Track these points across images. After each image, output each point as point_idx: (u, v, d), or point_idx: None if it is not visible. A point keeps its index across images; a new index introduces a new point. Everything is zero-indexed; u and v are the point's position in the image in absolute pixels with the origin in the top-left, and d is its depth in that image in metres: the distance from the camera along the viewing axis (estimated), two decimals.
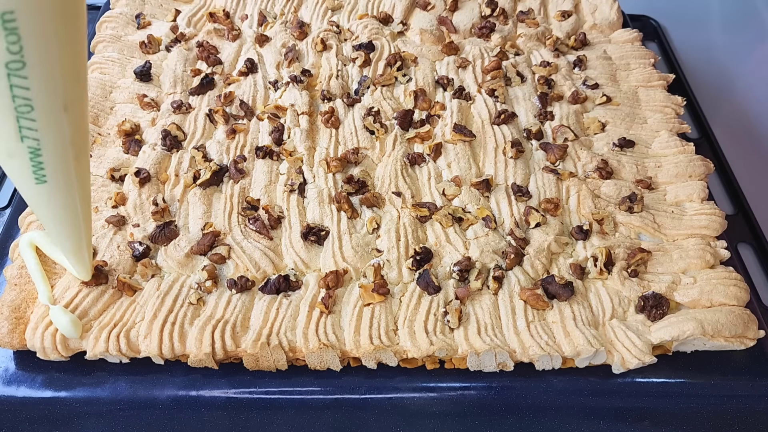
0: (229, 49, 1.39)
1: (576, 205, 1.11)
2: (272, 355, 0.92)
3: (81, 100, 0.68)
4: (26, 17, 0.53)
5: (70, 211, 0.77)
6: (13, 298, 0.95)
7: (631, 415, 0.94)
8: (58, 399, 0.92)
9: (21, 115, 0.61)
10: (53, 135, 0.65)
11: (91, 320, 0.94)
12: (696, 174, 1.15)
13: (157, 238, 1.03)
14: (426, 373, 0.94)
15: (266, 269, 1.01)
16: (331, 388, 0.93)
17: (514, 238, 1.04)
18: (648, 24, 1.70)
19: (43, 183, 0.70)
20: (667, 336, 0.94)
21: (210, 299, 0.97)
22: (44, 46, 0.57)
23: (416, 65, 1.36)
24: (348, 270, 1.00)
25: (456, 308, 0.95)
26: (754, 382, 0.96)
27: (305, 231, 1.03)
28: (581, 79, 1.35)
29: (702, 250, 1.03)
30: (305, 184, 1.12)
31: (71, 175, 0.72)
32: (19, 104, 0.60)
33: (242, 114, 1.25)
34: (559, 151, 1.18)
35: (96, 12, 1.58)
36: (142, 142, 1.18)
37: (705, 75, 1.61)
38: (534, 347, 0.92)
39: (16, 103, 0.60)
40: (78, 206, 0.78)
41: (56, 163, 0.69)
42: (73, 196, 0.75)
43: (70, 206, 0.76)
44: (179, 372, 0.94)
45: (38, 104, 0.62)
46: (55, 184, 0.71)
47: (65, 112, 0.65)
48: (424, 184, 1.13)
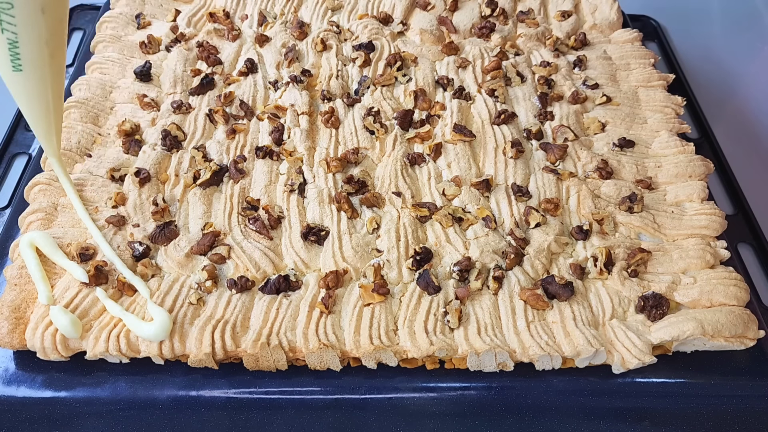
0: (229, 49, 1.39)
1: (576, 205, 1.11)
2: (272, 355, 0.92)
3: (60, 6, 0.82)
4: None
5: (42, 98, 0.88)
6: (13, 298, 0.95)
7: (631, 415, 0.94)
8: (58, 399, 0.92)
9: (2, 11, 0.75)
10: (29, 32, 0.79)
11: (91, 320, 0.94)
12: (696, 174, 1.15)
13: (157, 238, 1.03)
14: (426, 373, 0.94)
15: (266, 269, 1.01)
16: (331, 388, 0.93)
17: (514, 238, 1.04)
18: (648, 24, 1.70)
19: (19, 71, 0.83)
20: (667, 336, 0.94)
21: (210, 299, 0.97)
22: None
23: (416, 65, 1.36)
24: (348, 270, 1.00)
25: (456, 308, 0.95)
26: (754, 382, 0.96)
27: (305, 231, 1.03)
28: (581, 79, 1.35)
29: (702, 250, 1.03)
30: (305, 184, 1.12)
31: (45, 69, 0.84)
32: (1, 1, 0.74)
33: (242, 114, 1.25)
34: (559, 151, 1.18)
35: (96, 12, 1.58)
36: (142, 142, 1.18)
37: (705, 75, 1.61)
38: (534, 347, 0.92)
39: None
40: (49, 96, 0.89)
41: (32, 56, 0.81)
42: (45, 86, 0.87)
43: (42, 94, 0.88)
44: (179, 372, 0.94)
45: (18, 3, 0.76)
46: (30, 73, 0.83)
47: (42, 14, 0.79)
48: (424, 184, 1.13)
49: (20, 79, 0.84)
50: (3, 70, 0.83)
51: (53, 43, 0.84)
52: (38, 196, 1.09)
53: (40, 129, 0.94)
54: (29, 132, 1.33)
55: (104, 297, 0.95)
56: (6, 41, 0.79)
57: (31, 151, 1.30)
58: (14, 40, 0.79)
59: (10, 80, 0.85)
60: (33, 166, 1.22)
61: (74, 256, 0.98)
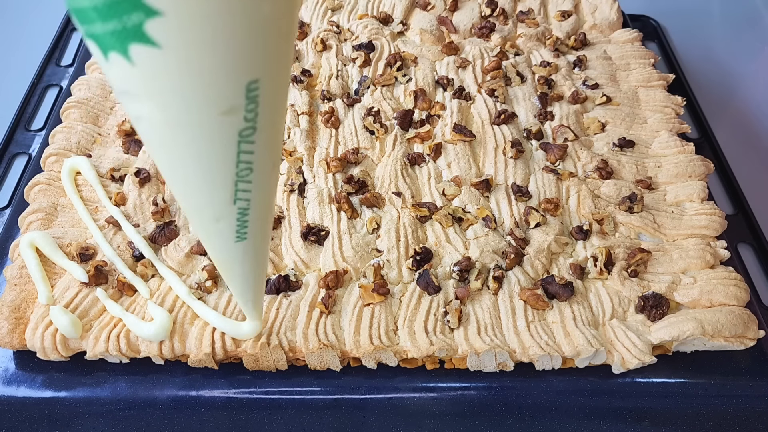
0: None
1: (576, 205, 1.11)
2: (272, 355, 0.92)
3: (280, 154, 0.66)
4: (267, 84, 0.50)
5: (261, 264, 0.75)
6: (13, 298, 0.95)
7: (631, 415, 0.94)
8: (58, 399, 0.92)
9: (240, 179, 0.58)
10: (262, 193, 0.63)
11: (91, 320, 0.94)
12: (696, 174, 1.15)
13: (157, 238, 1.03)
14: (426, 373, 0.94)
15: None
16: (331, 388, 0.93)
17: (514, 238, 1.04)
18: (648, 24, 1.70)
19: (243, 240, 0.67)
20: (667, 336, 0.94)
21: (210, 299, 0.97)
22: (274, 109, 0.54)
23: (416, 65, 1.36)
24: (348, 270, 1.00)
25: (456, 308, 0.95)
26: (754, 382, 0.96)
27: (305, 231, 1.03)
28: (581, 79, 1.35)
29: (702, 250, 1.03)
30: (305, 184, 1.12)
31: (268, 228, 0.70)
32: (242, 169, 0.57)
33: None
34: (559, 151, 1.18)
35: None
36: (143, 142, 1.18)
37: (705, 75, 1.61)
38: (534, 347, 0.92)
39: (238, 168, 0.57)
40: (267, 257, 0.77)
41: (259, 219, 0.66)
42: (266, 248, 0.74)
43: (262, 259, 0.75)
44: (179, 372, 0.94)
45: (257, 166, 0.58)
46: (253, 239, 0.68)
47: (273, 168, 0.63)
48: (424, 184, 1.13)
49: (242, 247, 0.68)
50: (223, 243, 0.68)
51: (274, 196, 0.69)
52: (38, 196, 1.09)
53: (251, 295, 0.81)
54: (29, 132, 1.34)
55: (104, 297, 0.95)
56: (237, 212, 0.62)
57: (31, 151, 1.30)
58: (245, 208, 0.62)
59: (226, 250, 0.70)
60: (33, 166, 1.22)
61: (74, 256, 0.98)
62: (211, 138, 0.52)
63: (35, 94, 1.42)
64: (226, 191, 0.59)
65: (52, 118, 1.32)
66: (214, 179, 0.58)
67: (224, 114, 0.50)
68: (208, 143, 0.53)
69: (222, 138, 0.53)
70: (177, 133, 0.52)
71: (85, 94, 1.25)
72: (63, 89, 1.41)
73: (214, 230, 0.66)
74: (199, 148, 0.54)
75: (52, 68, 1.48)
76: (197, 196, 0.61)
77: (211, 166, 0.56)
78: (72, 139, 1.16)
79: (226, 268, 0.74)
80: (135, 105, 0.50)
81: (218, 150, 0.54)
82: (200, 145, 0.53)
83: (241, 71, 0.48)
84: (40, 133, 1.33)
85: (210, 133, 0.52)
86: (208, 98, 0.49)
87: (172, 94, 0.48)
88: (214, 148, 0.54)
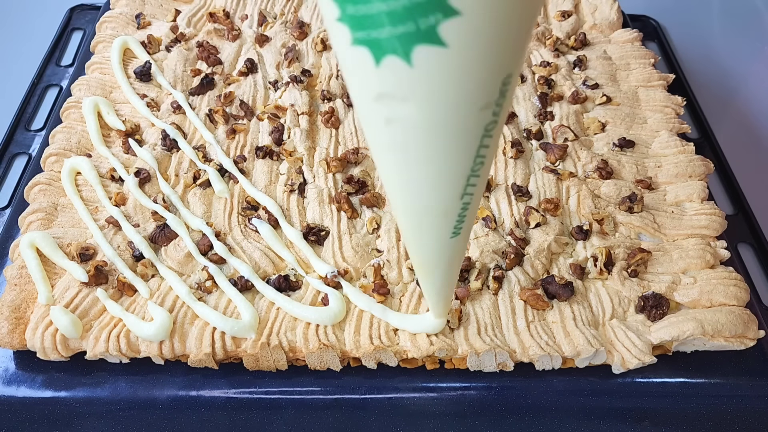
0: (229, 49, 1.39)
1: (576, 205, 1.11)
2: (272, 355, 0.92)
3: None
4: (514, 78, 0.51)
5: (460, 258, 0.75)
6: (13, 298, 0.95)
7: (631, 415, 0.94)
8: (58, 399, 0.92)
9: (473, 173, 0.57)
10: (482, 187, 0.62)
11: (91, 320, 0.94)
12: (696, 174, 1.15)
13: (157, 238, 1.03)
14: (426, 373, 0.94)
15: (266, 269, 1.01)
16: (331, 388, 0.93)
17: (514, 238, 1.04)
18: (648, 24, 1.70)
19: (456, 236, 0.66)
20: (667, 336, 0.94)
21: (210, 299, 0.97)
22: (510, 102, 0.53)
23: None
24: (348, 270, 1.00)
25: (456, 308, 0.95)
26: (754, 382, 0.96)
27: (305, 231, 1.03)
28: (581, 79, 1.35)
29: (702, 250, 1.03)
30: (305, 184, 1.12)
31: (472, 222, 0.68)
32: (477, 163, 0.56)
33: (242, 114, 1.25)
34: (559, 151, 1.18)
35: (96, 12, 1.58)
36: (142, 142, 1.18)
37: (705, 75, 1.61)
38: (534, 347, 0.92)
39: (474, 163, 0.56)
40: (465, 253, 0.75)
41: (473, 213, 0.65)
42: (466, 242, 0.72)
43: (462, 253, 0.74)
44: (179, 372, 0.94)
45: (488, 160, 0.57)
46: (464, 235, 0.68)
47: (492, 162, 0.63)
48: None
49: (453, 243, 0.68)
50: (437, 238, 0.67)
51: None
52: (38, 196, 1.09)
53: (448, 290, 0.80)
54: (29, 132, 1.34)
55: (104, 297, 0.95)
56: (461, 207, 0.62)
57: (31, 151, 1.30)
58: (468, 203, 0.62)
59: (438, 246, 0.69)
60: (33, 166, 1.22)
61: (74, 256, 0.98)
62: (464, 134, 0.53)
63: (35, 94, 1.42)
64: (458, 187, 0.59)
65: (52, 118, 1.32)
66: (450, 175, 0.58)
67: (481, 109, 0.50)
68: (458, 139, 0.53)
69: (472, 133, 0.53)
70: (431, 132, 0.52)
71: (85, 94, 1.25)
72: (63, 89, 1.41)
73: (433, 227, 0.65)
74: (447, 145, 0.54)
75: (52, 68, 1.48)
76: (427, 194, 0.61)
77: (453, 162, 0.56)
78: (72, 139, 1.16)
79: (432, 265, 0.73)
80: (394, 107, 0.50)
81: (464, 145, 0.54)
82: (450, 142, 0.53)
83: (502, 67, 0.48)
84: (40, 133, 1.33)
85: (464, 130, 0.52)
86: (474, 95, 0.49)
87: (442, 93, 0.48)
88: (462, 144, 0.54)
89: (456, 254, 0.71)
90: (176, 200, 1.08)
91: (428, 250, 0.70)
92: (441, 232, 0.66)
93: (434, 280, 0.76)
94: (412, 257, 0.74)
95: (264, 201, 1.08)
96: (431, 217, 0.64)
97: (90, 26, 1.56)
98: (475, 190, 0.60)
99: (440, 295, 0.81)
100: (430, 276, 0.76)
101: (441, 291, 0.80)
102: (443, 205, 0.62)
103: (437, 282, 0.77)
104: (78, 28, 1.59)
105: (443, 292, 0.80)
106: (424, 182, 0.59)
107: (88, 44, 1.43)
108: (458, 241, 0.68)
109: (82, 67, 1.35)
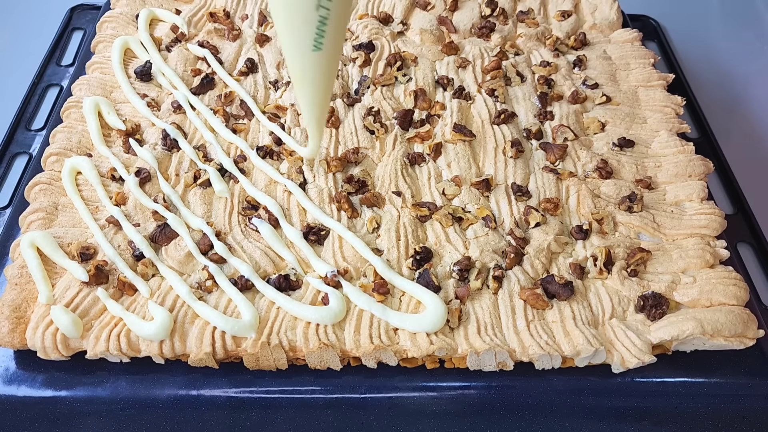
0: (229, 49, 1.39)
1: (576, 204, 1.11)
2: (272, 354, 0.92)
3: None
4: None
5: (329, 77, 0.82)
6: (14, 298, 0.95)
7: (630, 415, 0.94)
8: (59, 398, 0.92)
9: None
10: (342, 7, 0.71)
11: (92, 319, 0.94)
12: (696, 174, 1.15)
13: (157, 238, 1.03)
14: (426, 373, 0.95)
15: (266, 269, 1.01)
16: (331, 387, 0.94)
17: (513, 238, 1.04)
18: (648, 24, 1.70)
19: (318, 51, 0.75)
20: (667, 335, 0.94)
21: (210, 299, 0.97)
22: None
23: (416, 65, 1.36)
24: (348, 269, 1.00)
25: (456, 308, 0.95)
26: (753, 381, 0.96)
27: (305, 230, 1.04)
28: (581, 78, 1.35)
29: (702, 250, 1.03)
30: (305, 184, 1.12)
31: (340, 43, 0.77)
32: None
33: (242, 114, 1.25)
34: (558, 150, 1.18)
35: (96, 12, 1.58)
36: (143, 141, 1.18)
37: (705, 75, 1.61)
38: (534, 347, 0.92)
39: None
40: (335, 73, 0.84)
41: (336, 31, 0.74)
42: (335, 63, 0.80)
43: (331, 73, 0.82)
44: (179, 371, 0.94)
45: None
46: (327, 51, 0.75)
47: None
48: (424, 184, 1.13)
49: (316, 58, 0.76)
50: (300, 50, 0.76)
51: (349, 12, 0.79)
52: (39, 195, 1.09)
53: (317, 111, 0.88)
54: (30, 131, 1.34)
55: (105, 296, 0.95)
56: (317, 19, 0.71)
57: (31, 150, 1.30)
58: (325, 17, 0.71)
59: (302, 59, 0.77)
60: (33, 165, 1.22)
61: (75, 256, 0.99)
62: None
63: (36, 93, 1.42)
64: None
65: (53, 117, 1.32)
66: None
67: None
68: None
69: None
70: None
71: (86, 93, 1.25)
72: (63, 89, 1.41)
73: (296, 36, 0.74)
74: None
75: (52, 68, 1.48)
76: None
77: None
78: (72, 138, 1.16)
79: (297, 78, 0.82)
80: None
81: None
82: None
83: None
84: (41, 132, 1.33)
85: None
86: None
87: None
88: None
89: (321, 71, 0.79)
90: (176, 200, 1.09)
91: (294, 64, 0.79)
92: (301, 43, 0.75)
93: (304, 97, 0.84)
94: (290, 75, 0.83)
95: (264, 200, 1.08)
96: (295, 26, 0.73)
97: (90, 26, 1.56)
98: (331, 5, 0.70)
99: (311, 112, 0.88)
100: (301, 91, 0.84)
101: (311, 108, 0.87)
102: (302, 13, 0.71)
103: (307, 98, 0.85)
104: (78, 27, 1.59)
105: (313, 110, 0.87)
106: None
107: (88, 44, 1.43)
108: (322, 57, 0.76)
109: (83, 66, 1.36)
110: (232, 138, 1.19)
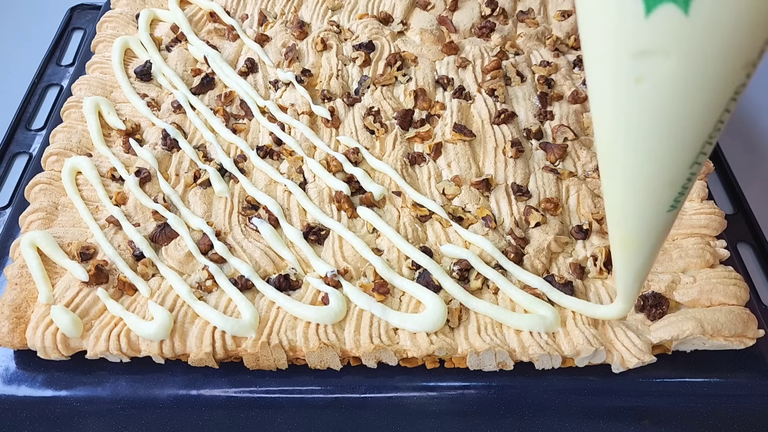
0: (229, 48, 1.39)
1: (576, 204, 1.11)
2: (272, 354, 0.92)
3: None
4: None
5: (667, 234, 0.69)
6: (14, 298, 0.95)
7: (630, 415, 0.94)
8: (59, 398, 0.92)
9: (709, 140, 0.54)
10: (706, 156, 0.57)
11: (92, 319, 0.94)
12: None
13: (157, 238, 1.03)
14: (426, 373, 0.95)
15: (266, 268, 1.01)
16: (331, 387, 0.94)
17: (513, 238, 1.04)
18: None
19: (673, 210, 0.63)
20: (667, 335, 0.94)
21: (210, 298, 0.97)
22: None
23: (416, 65, 1.36)
24: (348, 269, 1.00)
25: (456, 308, 0.95)
26: (753, 381, 0.96)
27: (305, 230, 1.04)
28: (581, 78, 1.35)
29: (701, 250, 1.03)
30: (305, 184, 1.12)
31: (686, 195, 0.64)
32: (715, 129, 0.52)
33: (242, 114, 1.25)
34: (558, 150, 1.18)
35: (96, 12, 1.58)
36: (143, 141, 1.18)
37: None
38: (534, 346, 0.92)
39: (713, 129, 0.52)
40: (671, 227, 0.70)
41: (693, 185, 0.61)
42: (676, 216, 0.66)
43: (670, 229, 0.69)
44: (180, 371, 0.94)
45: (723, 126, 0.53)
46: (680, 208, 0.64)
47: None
48: (424, 184, 1.13)
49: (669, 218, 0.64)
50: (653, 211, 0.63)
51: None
52: (39, 195, 1.09)
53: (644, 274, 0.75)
54: (30, 131, 1.34)
55: (105, 296, 0.95)
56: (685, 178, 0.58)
57: (31, 150, 1.30)
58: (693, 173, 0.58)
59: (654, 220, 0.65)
60: (33, 165, 1.22)
61: (75, 256, 0.99)
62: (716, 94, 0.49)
63: (36, 93, 1.42)
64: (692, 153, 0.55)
65: (53, 117, 1.32)
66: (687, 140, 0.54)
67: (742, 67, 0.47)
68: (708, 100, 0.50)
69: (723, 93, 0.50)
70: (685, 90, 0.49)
71: (86, 93, 1.25)
72: (63, 89, 1.41)
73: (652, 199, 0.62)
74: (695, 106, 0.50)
75: (52, 68, 1.48)
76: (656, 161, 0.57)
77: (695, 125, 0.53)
78: (72, 138, 1.16)
79: (640, 241, 0.68)
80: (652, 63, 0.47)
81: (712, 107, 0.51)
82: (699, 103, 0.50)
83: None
84: (41, 132, 1.33)
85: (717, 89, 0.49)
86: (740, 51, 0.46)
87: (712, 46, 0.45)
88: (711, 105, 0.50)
89: (667, 229, 0.67)
90: (177, 200, 1.09)
91: (640, 225, 0.66)
92: (660, 204, 0.62)
93: (637, 258, 0.71)
94: (617, 233, 0.69)
95: (264, 200, 1.08)
96: (653, 189, 0.60)
97: (90, 26, 1.56)
98: (704, 160, 0.56)
99: (638, 276, 0.74)
100: (634, 255, 0.70)
101: (640, 272, 0.73)
102: (669, 175, 0.58)
103: (639, 261, 0.71)
104: (78, 27, 1.59)
105: (642, 273, 0.74)
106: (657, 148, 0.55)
107: (88, 44, 1.43)
108: (673, 215, 0.64)
109: (83, 66, 1.36)
110: (232, 138, 1.19)
